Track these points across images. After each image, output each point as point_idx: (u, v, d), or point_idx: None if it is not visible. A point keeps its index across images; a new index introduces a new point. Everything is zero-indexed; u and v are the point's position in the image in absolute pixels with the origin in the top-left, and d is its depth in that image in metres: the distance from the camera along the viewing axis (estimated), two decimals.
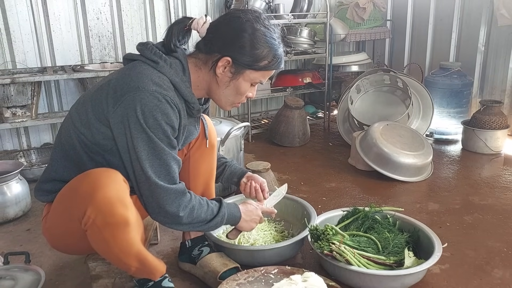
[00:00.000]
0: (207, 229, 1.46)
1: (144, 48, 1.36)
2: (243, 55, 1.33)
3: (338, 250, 1.55)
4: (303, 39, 3.66)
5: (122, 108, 1.25)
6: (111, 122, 1.28)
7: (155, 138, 1.27)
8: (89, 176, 1.27)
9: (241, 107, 4.00)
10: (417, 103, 3.27)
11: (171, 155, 1.32)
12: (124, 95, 1.26)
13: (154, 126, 1.26)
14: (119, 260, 1.33)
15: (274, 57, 1.37)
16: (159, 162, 1.29)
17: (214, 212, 1.44)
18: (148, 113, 1.24)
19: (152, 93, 1.25)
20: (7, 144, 3.06)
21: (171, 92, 1.30)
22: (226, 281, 1.52)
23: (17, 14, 2.92)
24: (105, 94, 1.30)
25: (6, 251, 1.70)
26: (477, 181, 2.63)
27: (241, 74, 1.37)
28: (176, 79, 1.33)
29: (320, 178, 2.73)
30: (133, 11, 3.30)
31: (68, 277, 1.74)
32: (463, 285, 1.65)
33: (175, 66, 1.35)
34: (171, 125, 1.30)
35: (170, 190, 1.31)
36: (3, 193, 2.15)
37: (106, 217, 1.23)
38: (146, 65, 1.32)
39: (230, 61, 1.34)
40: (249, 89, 1.42)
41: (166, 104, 1.27)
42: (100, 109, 1.29)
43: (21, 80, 2.59)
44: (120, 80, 1.30)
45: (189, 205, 1.36)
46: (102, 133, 1.30)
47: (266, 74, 1.41)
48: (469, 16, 3.56)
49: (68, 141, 1.36)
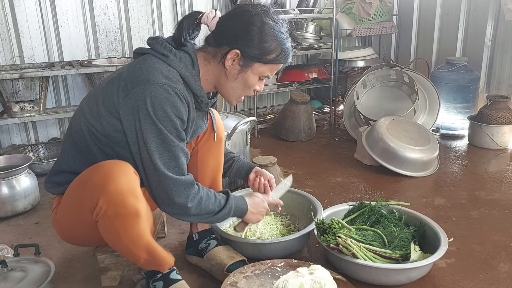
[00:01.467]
0: (214, 220, 1.47)
1: (155, 42, 1.37)
2: (251, 48, 1.35)
3: (344, 243, 1.56)
4: (309, 34, 3.65)
5: (132, 100, 1.27)
6: (122, 114, 1.29)
7: (164, 130, 1.28)
8: (101, 168, 1.28)
9: (247, 102, 4.02)
10: (423, 98, 3.25)
11: (179, 147, 1.33)
12: (134, 88, 1.27)
13: (164, 118, 1.28)
14: (128, 251, 1.34)
15: (282, 51, 1.39)
16: (167, 153, 1.31)
17: (222, 204, 1.45)
18: (158, 105, 1.26)
19: (162, 85, 1.27)
20: (16, 138, 3.09)
21: (180, 85, 1.32)
22: (233, 274, 1.54)
23: (25, 9, 2.93)
24: (116, 87, 1.32)
25: (16, 244, 1.72)
26: (484, 176, 2.63)
27: (249, 67, 1.38)
28: (186, 72, 1.35)
29: (326, 172, 2.74)
30: (139, 6, 3.31)
31: (76, 269, 1.76)
32: (469, 279, 1.65)
33: (184, 60, 1.36)
34: (180, 117, 1.31)
35: (178, 181, 1.33)
36: (12, 187, 2.18)
37: (118, 208, 1.25)
38: (156, 59, 1.34)
39: (239, 53, 1.35)
40: (256, 82, 1.43)
41: (176, 96, 1.29)
42: (111, 102, 1.31)
43: (29, 75, 2.61)
44: (130, 73, 1.32)
45: (197, 196, 1.37)
46: (112, 125, 1.32)
47: (274, 67, 1.42)
48: (476, 10, 3.53)
49: (78, 133, 1.38)
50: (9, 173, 2.18)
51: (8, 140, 3.07)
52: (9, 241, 1.96)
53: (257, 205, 1.60)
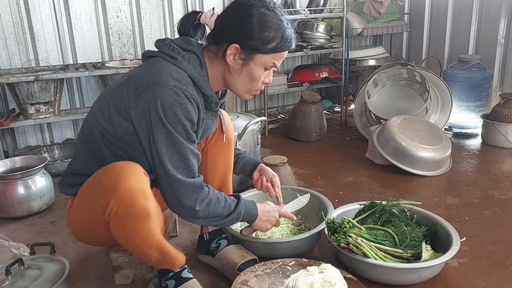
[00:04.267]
0: (222, 224, 1.48)
1: (163, 45, 1.39)
2: (250, 40, 1.34)
3: (355, 243, 1.56)
4: (319, 34, 3.65)
5: (143, 103, 1.29)
6: (133, 117, 1.31)
7: (174, 132, 1.30)
8: (111, 169, 1.31)
9: (258, 102, 4.03)
10: (435, 97, 3.23)
11: (189, 149, 1.34)
12: (145, 91, 1.29)
13: (174, 121, 1.29)
14: (140, 250, 1.37)
15: (282, 38, 1.36)
16: (177, 156, 1.32)
17: (231, 208, 1.45)
18: (168, 108, 1.27)
19: (172, 88, 1.28)
20: (31, 139, 3.16)
21: (190, 87, 1.33)
22: (244, 272, 1.55)
23: (40, 13, 2.99)
24: (126, 90, 1.33)
25: (32, 242, 1.75)
26: (497, 175, 2.60)
27: (251, 60, 1.37)
28: (195, 73, 1.36)
29: (337, 172, 2.74)
30: (151, 8, 3.35)
31: (91, 268, 1.80)
32: (481, 279, 1.64)
33: (193, 61, 1.37)
34: (190, 119, 1.33)
35: (187, 184, 1.34)
36: (28, 187, 2.23)
37: (128, 209, 1.27)
38: (165, 61, 1.35)
39: (238, 47, 1.35)
40: (263, 74, 1.42)
41: (185, 99, 1.30)
42: (122, 105, 1.33)
43: (44, 78, 2.66)
44: (140, 76, 1.34)
45: (206, 199, 1.38)
46: (124, 127, 1.34)
47: (278, 56, 1.40)
48: (488, 8, 3.49)
49: (90, 136, 1.40)
50: (25, 174, 2.22)
51: (24, 141, 3.14)
52: (25, 240, 2.01)
53: (268, 213, 1.59)
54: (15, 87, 2.65)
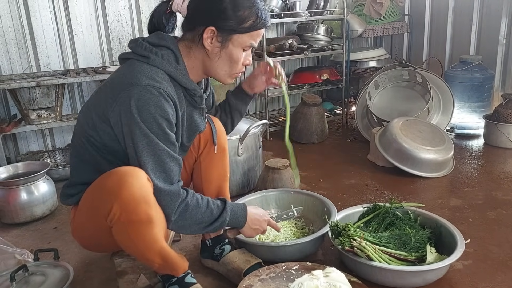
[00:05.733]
0: (206, 232, 1.44)
1: (135, 45, 1.37)
2: (226, 20, 1.32)
3: (359, 246, 1.55)
4: (320, 36, 3.65)
5: (118, 105, 1.27)
6: (111, 121, 1.30)
7: (149, 133, 1.26)
8: (114, 174, 1.29)
9: (259, 105, 4.03)
10: (437, 98, 3.22)
11: (166, 151, 1.30)
12: (119, 93, 1.28)
13: (149, 120, 1.26)
14: (143, 256, 1.36)
15: (257, 16, 1.34)
16: (153, 158, 1.28)
17: (214, 216, 1.40)
18: (142, 107, 1.25)
19: (145, 87, 1.26)
20: (33, 145, 3.16)
21: (164, 84, 1.30)
22: (248, 277, 1.55)
23: (41, 19, 3.00)
24: (104, 94, 1.33)
25: (36, 248, 1.75)
26: (500, 176, 2.59)
27: (229, 41, 1.35)
28: (170, 69, 1.34)
29: (339, 174, 2.73)
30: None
31: (95, 273, 1.79)
32: (486, 281, 1.63)
33: (167, 56, 1.35)
34: (166, 118, 1.29)
35: (163, 191, 1.30)
36: (30, 193, 2.23)
37: (130, 215, 1.26)
38: (139, 62, 1.33)
39: (214, 30, 1.33)
40: (242, 55, 1.40)
41: (160, 96, 1.27)
42: (101, 110, 1.32)
43: (45, 83, 2.67)
44: (115, 80, 1.34)
45: (181, 205, 1.33)
46: (107, 133, 1.33)
47: (255, 35, 1.38)
48: (489, 7, 3.49)
49: (81, 146, 1.39)
50: (28, 179, 2.22)
51: (26, 147, 3.14)
52: (29, 245, 2.01)
53: (257, 222, 1.54)
54: (17, 92, 2.65)
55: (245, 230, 1.54)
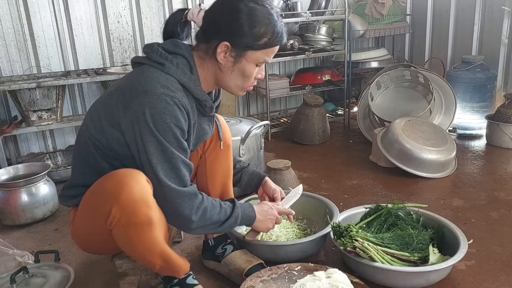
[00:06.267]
0: (221, 231, 1.45)
1: (150, 51, 1.36)
2: (241, 37, 1.30)
3: (361, 246, 1.54)
4: (321, 36, 3.64)
5: (132, 112, 1.26)
6: (122, 127, 1.29)
7: (164, 141, 1.26)
8: (114, 177, 1.29)
9: (260, 106, 4.02)
10: (439, 98, 3.21)
11: (180, 159, 1.30)
12: (133, 99, 1.26)
13: (163, 129, 1.26)
14: (143, 258, 1.35)
15: (273, 33, 1.33)
16: (168, 165, 1.28)
17: (228, 214, 1.41)
18: (157, 116, 1.25)
19: (160, 95, 1.26)
20: (34, 146, 3.16)
21: (179, 93, 1.30)
22: (250, 278, 1.54)
23: (41, 20, 3.00)
24: (115, 99, 1.31)
25: (36, 250, 1.75)
26: (503, 176, 2.58)
27: (243, 57, 1.34)
28: (184, 78, 1.33)
29: (341, 175, 2.72)
30: (152, 13, 3.35)
31: (95, 275, 1.78)
32: (489, 281, 1.62)
33: (182, 65, 1.34)
34: (180, 127, 1.30)
35: (182, 192, 1.30)
36: (31, 194, 2.22)
37: (130, 217, 1.25)
38: (153, 68, 1.32)
39: (228, 45, 1.31)
40: (255, 70, 1.39)
41: (174, 106, 1.27)
42: (111, 115, 1.31)
43: (46, 84, 2.66)
44: (129, 85, 1.31)
45: (201, 207, 1.34)
46: (116, 138, 1.32)
47: (270, 51, 1.37)
48: (491, 7, 3.47)
49: (85, 148, 1.38)
50: (28, 181, 2.22)
51: (26, 149, 3.13)
52: (29, 247, 2.00)
53: (266, 212, 1.56)
54: (17, 94, 2.64)
55: (258, 225, 1.54)
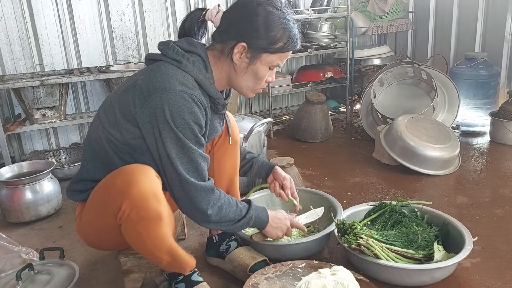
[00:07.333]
0: (233, 229, 1.47)
1: (166, 48, 1.37)
2: (258, 39, 1.33)
3: (366, 244, 1.54)
4: (323, 33, 3.64)
5: (150, 108, 1.27)
6: (140, 122, 1.30)
7: (183, 137, 1.29)
8: (124, 172, 1.30)
9: (263, 103, 4.01)
10: (442, 95, 3.20)
11: (199, 153, 1.33)
12: (151, 96, 1.27)
13: (182, 126, 1.28)
14: (151, 253, 1.36)
15: (289, 38, 1.36)
16: (187, 160, 1.31)
17: (243, 213, 1.45)
18: (176, 113, 1.26)
19: (179, 93, 1.27)
20: (37, 144, 3.16)
21: (196, 91, 1.32)
22: (254, 275, 1.54)
23: (44, 18, 3.00)
24: (132, 95, 1.32)
25: (41, 247, 1.75)
26: (507, 173, 2.57)
27: (258, 59, 1.36)
28: (200, 76, 1.35)
29: (344, 173, 2.72)
30: (155, 11, 3.35)
31: (100, 272, 1.79)
32: (495, 278, 1.61)
33: (197, 63, 1.36)
34: (198, 123, 1.32)
35: (200, 187, 1.33)
36: (35, 192, 2.23)
37: (140, 212, 1.26)
38: (170, 65, 1.34)
39: (245, 46, 1.34)
40: (267, 73, 1.41)
41: (193, 103, 1.29)
42: (128, 110, 1.32)
43: (49, 82, 2.66)
44: (146, 81, 1.32)
45: (217, 203, 1.37)
46: (131, 133, 1.33)
47: (283, 56, 1.40)
48: (494, 3, 3.46)
49: (97, 142, 1.39)
50: (33, 179, 2.22)
51: (30, 146, 3.14)
52: (34, 244, 2.00)
53: (279, 220, 1.59)
54: (21, 92, 2.65)
55: (269, 229, 1.57)
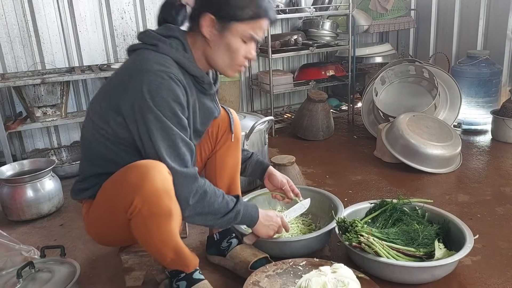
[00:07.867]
0: (219, 224, 1.43)
1: (144, 36, 1.38)
2: (223, 7, 1.31)
3: (366, 242, 1.54)
4: (325, 31, 3.63)
5: (130, 92, 1.28)
6: (123, 109, 1.30)
7: (162, 117, 1.27)
8: (136, 168, 1.29)
9: (264, 101, 4.01)
10: (444, 93, 3.19)
11: (179, 135, 1.31)
12: (130, 81, 1.29)
13: (161, 104, 1.27)
14: (157, 249, 1.36)
15: (257, 4, 1.33)
16: (168, 142, 1.29)
17: (229, 206, 1.42)
18: (154, 92, 1.26)
19: (155, 72, 1.27)
20: (38, 142, 3.17)
21: (174, 69, 1.31)
22: (255, 273, 1.54)
23: (45, 16, 3.00)
24: (114, 84, 1.35)
25: (42, 245, 1.75)
26: (509, 171, 2.56)
27: (228, 30, 1.34)
28: (179, 56, 1.35)
29: (345, 171, 2.72)
30: (156, 9, 3.29)
31: (101, 270, 1.79)
32: (495, 276, 1.61)
33: (175, 45, 1.36)
34: (178, 102, 1.30)
35: (182, 173, 1.31)
36: (36, 190, 2.23)
37: (152, 208, 1.27)
38: (147, 51, 1.34)
39: (212, 17, 1.33)
40: (241, 46, 1.38)
41: (170, 80, 1.28)
42: (112, 100, 1.33)
43: (50, 80, 2.67)
44: (125, 69, 1.35)
45: (200, 190, 1.34)
46: (119, 123, 1.33)
47: (256, 26, 1.36)
48: (496, 1, 3.44)
49: (92, 138, 1.39)
50: (34, 177, 2.22)
51: (31, 144, 3.14)
52: (35, 242, 2.01)
53: (270, 218, 1.57)
54: (22, 90, 2.65)
55: (259, 228, 1.55)
